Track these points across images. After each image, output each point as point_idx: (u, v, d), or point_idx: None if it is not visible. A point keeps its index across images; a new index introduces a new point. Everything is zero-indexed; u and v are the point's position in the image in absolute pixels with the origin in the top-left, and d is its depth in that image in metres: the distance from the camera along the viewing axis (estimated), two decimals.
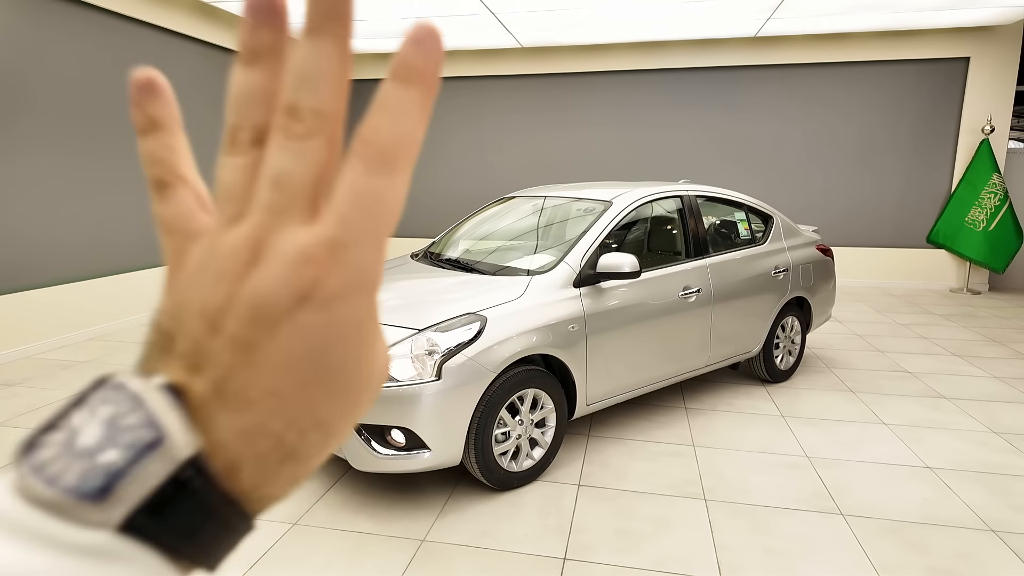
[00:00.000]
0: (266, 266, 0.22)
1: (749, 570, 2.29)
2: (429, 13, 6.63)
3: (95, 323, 5.39)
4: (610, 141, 8.47)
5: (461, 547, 2.42)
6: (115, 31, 5.48)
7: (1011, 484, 2.91)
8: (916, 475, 2.99)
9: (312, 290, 0.22)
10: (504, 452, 2.81)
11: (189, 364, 0.22)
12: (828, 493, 2.83)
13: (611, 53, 8.18)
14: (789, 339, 4.32)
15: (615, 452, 3.24)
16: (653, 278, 3.38)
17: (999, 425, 3.58)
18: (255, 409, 0.22)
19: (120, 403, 0.21)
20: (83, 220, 5.26)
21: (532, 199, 4.08)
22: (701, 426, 3.57)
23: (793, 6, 6.38)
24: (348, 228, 0.22)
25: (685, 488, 2.88)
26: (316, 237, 0.22)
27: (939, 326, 5.92)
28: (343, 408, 0.24)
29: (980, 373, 4.51)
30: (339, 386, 0.23)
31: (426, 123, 0.23)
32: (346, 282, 0.22)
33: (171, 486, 0.20)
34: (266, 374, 0.22)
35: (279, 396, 0.22)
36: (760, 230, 4.23)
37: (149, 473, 0.20)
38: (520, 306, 2.87)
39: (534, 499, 2.78)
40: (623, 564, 2.32)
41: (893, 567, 2.28)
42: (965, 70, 7.53)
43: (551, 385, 2.95)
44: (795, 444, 3.34)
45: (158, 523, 0.20)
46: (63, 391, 4.05)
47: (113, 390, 0.21)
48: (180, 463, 0.21)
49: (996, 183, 7.27)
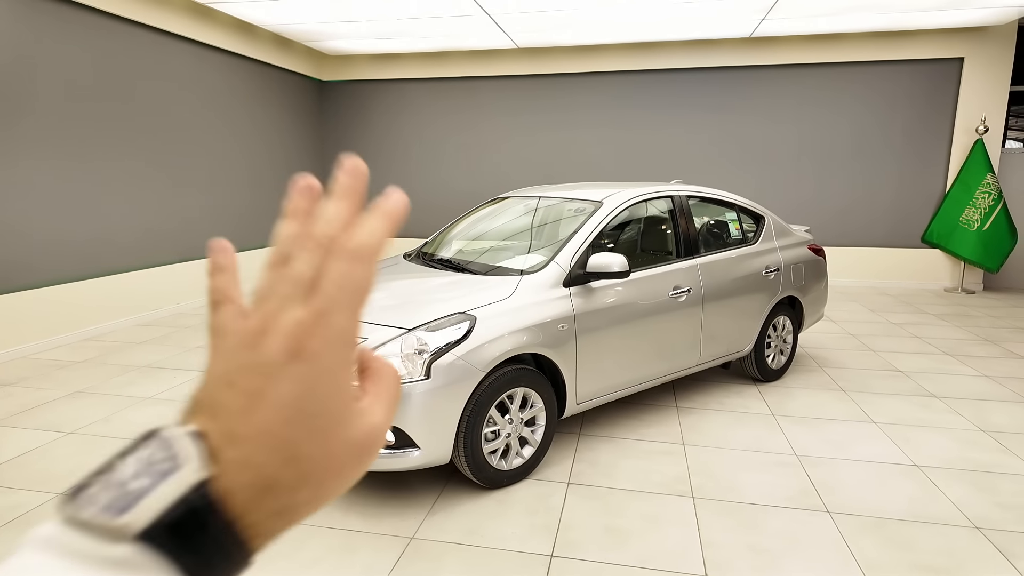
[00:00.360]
0: (271, 335, 0.30)
1: (734, 567, 2.31)
2: (424, 13, 6.66)
3: (91, 323, 5.41)
4: (606, 141, 8.50)
5: (449, 544, 2.44)
6: (110, 32, 5.49)
7: (998, 482, 2.93)
8: (904, 473, 3.01)
9: (299, 348, 0.30)
10: (494, 450, 2.83)
11: (209, 414, 0.29)
12: (815, 491, 2.85)
13: (606, 54, 8.21)
14: (781, 338, 4.34)
15: (605, 450, 3.26)
16: (643, 278, 3.40)
17: (988, 424, 3.60)
18: (248, 444, 0.28)
19: (155, 447, 0.28)
20: (79, 221, 5.28)
21: (524, 199, 4.10)
22: (691, 425, 3.59)
23: (787, 7, 6.41)
24: (331, 302, 0.30)
25: (674, 486, 2.90)
26: (307, 310, 0.30)
27: (932, 325, 5.94)
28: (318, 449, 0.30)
29: (971, 372, 4.53)
30: (316, 425, 0.30)
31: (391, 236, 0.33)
32: (327, 340, 0.30)
33: (181, 506, 0.26)
34: (262, 415, 0.29)
35: (268, 432, 0.29)
36: (752, 230, 4.25)
37: (165, 493, 0.26)
38: (509, 306, 2.89)
39: (523, 497, 2.80)
40: (609, 561, 2.34)
41: (877, 564, 2.31)
42: (959, 70, 7.55)
43: (541, 384, 2.97)
44: (785, 443, 3.36)
45: (170, 536, 0.26)
46: (58, 391, 4.07)
47: (153, 439, 0.28)
48: (190, 486, 0.26)
49: (990, 183, 7.29)
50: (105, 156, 5.50)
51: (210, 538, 0.27)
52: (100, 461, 0.26)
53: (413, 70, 8.74)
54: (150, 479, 0.26)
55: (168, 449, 0.27)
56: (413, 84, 8.85)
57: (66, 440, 3.34)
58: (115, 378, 4.33)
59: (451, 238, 4.02)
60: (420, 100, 8.89)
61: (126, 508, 0.25)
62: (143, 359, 4.77)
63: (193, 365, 4.64)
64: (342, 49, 8.45)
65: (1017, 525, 2.57)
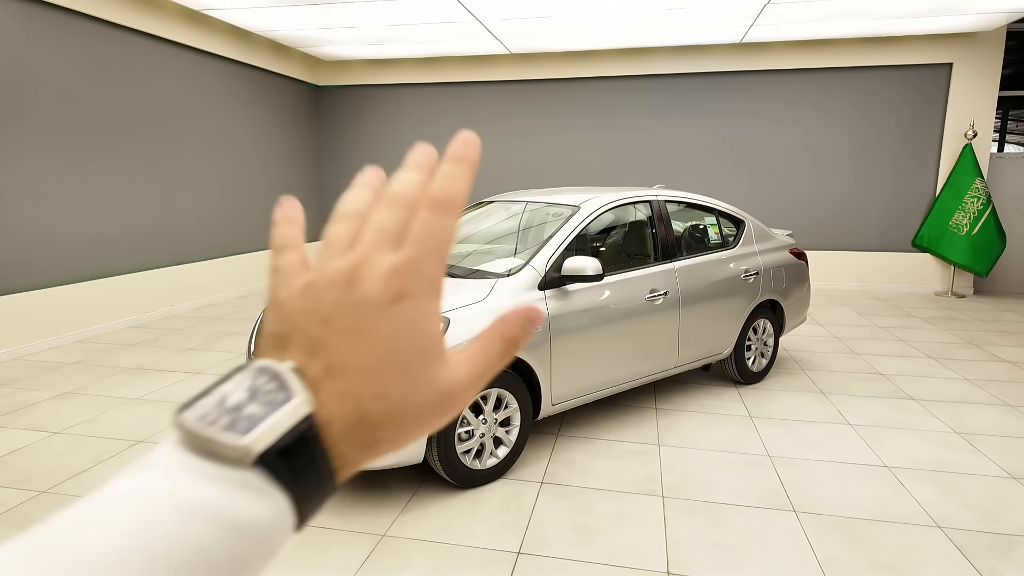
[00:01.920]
0: (368, 279, 0.32)
1: (697, 563, 2.35)
2: (416, 20, 6.74)
3: (83, 325, 5.48)
4: (598, 145, 8.56)
5: (419, 542, 2.50)
6: (106, 39, 5.59)
7: (964, 482, 2.97)
8: (873, 474, 3.06)
9: (400, 292, 0.32)
10: (468, 450, 2.89)
11: (307, 351, 0.31)
12: (784, 491, 2.89)
13: (598, 59, 8.28)
14: (761, 341, 4.39)
15: (581, 451, 3.31)
16: (619, 281, 3.46)
17: (962, 425, 3.65)
18: (348, 376, 0.31)
19: (259, 378, 0.30)
20: (73, 224, 5.36)
21: (508, 203, 4.17)
22: (668, 426, 3.64)
23: (775, 13, 6.47)
24: (421, 250, 0.33)
25: (645, 485, 2.95)
26: (401, 258, 0.32)
27: (919, 329, 5.98)
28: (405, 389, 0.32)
29: (951, 375, 4.57)
30: (406, 364, 0.32)
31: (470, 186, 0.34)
32: (420, 286, 0.33)
33: (294, 433, 0.28)
34: (360, 352, 0.31)
35: (365, 366, 0.31)
36: (731, 234, 4.31)
37: (280, 421, 0.28)
38: (484, 308, 2.95)
39: (496, 496, 2.86)
40: (574, 558, 2.39)
41: (836, 561, 2.35)
42: (948, 76, 7.60)
43: (515, 385, 3.02)
44: (759, 444, 3.41)
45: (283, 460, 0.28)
46: (47, 392, 4.14)
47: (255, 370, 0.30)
48: (302, 416, 0.29)
49: (979, 187, 7.33)
50: (100, 160, 5.58)
51: (313, 465, 0.29)
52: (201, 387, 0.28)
53: (407, 75, 8.83)
54: (264, 407, 0.28)
55: (277, 380, 0.29)
56: (407, 89, 8.93)
57: (52, 440, 3.40)
58: (105, 379, 4.40)
59: None
60: (414, 105, 8.97)
61: (245, 433, 0.27)
62: (134, 361, 4.84)
63: (184, 367, 4.70)
64: (337, 54, 8.54)
65: (980, 525, 2.61)
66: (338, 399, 0.30)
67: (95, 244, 5.59)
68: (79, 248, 5.43)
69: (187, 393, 4.13)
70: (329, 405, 0.30)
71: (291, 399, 0.29)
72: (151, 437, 3.45)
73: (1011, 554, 2.41)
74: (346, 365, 0.31)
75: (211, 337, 5.58)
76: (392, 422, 0.31)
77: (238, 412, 0.28)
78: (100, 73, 5.55)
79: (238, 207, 7.51)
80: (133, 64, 5.90)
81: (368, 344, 0.31)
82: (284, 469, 0.28)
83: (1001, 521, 2.64)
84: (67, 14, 5.21)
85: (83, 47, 5.38)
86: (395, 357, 0.32)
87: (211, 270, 7.06)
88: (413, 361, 0.32)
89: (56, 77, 5.14)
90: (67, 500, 2.78)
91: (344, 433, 0.30)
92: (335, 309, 0.32)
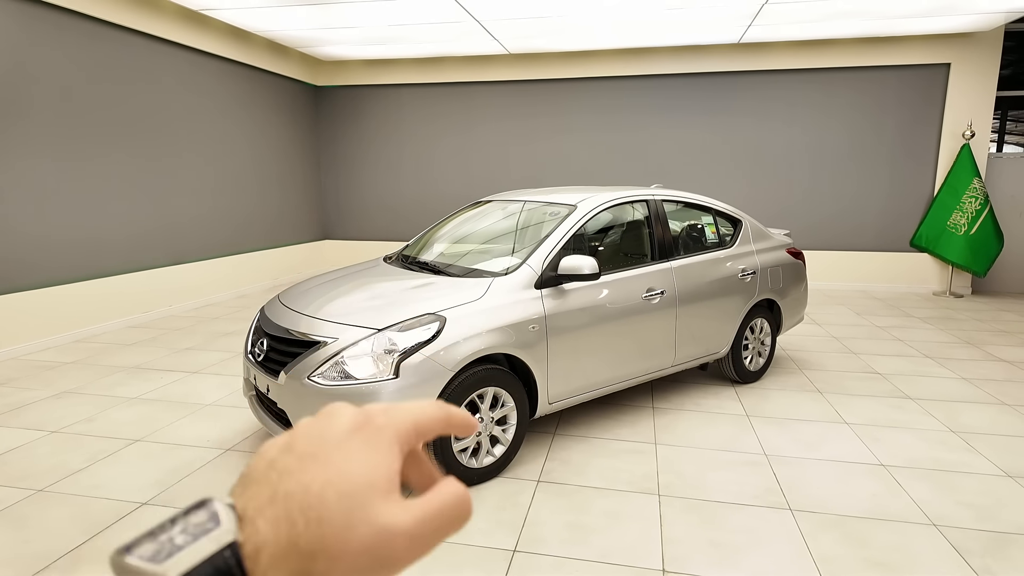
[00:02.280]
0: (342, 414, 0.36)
1: (692, 561, 2.36)
2: (415, 20, 6.74)
3: (81, 325, 5.48)
4: (597, 145, 8.57)
5: None
6: (105, 39, 5.59)
7: (960, 481, 2.97)
8: (869, 472, 3.06)
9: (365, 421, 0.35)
10: (464, 449, 2.89)
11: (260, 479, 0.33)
12: (780, 489, 2.90)
13: (597, 59, 8.29)
14: (759, 340, 4.39)
15: (578, 449, 3.32)
16: (616, 280, 3.46)
17: (958, 424, 3.65)
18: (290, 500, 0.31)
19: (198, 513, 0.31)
20: (72, 223, 5.36)
21: (505, 203, 4.17)
22: (665, 425, 3.64)
23: (773, 13, 6.48)
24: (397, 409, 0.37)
25: (641, 484, 2.95)
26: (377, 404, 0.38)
27: (917, 329, 5.99)
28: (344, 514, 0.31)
29: (948, 374, 4.57)
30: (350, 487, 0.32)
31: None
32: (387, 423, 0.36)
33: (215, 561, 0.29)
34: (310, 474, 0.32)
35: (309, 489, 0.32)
36: (728, 233, 4.31)
37: (199, 548, 0.29)
38: (480, 307, 2.95)
39: (493, 494, 2.86)
40: (570, 556, 2.39)
41: (831, 559, 2.35)
42: (946, 76, 7.61)
43: (512, 384, 3.02)
44: (756, 443, 3.41)
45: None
46: (45, 391, 4.14)
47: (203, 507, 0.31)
48: (224, 544, 0.29)
49: (977, 187, 7.34)
50: (98, 159, 5.59)
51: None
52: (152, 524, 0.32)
53: (406, 75, 8.84)
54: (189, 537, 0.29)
55: (209, 513, 0.31)
56: (406, 89, 8.94)
57: (49, 439, 3.41)
58: (102, 379, 4.40)
59: (432, 241, 4.09)
60: (413, 105, 8.98)
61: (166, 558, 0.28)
62: (131, 360, 4.84)
63: (181, 366, 4.71)
64: (336, 55, 8.55)
65: (975, 523, 2.61)
66: (273, 524, 0.30)
67: (93, 244, 5.59)
68: (77, 248, 5.44)
69: (185, 392, 4.14)
70: (264, 531, 0.30)
71: (216, 528, 0.30)
72: (147, 437, 3.45)
73: (1006, 552, 2.41)
74: (292, 489, 0.31)
75: (209, 337, 5.58)
76: (325, 555, 0.30)
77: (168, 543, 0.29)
78: (98, 73, 5.56)
79: (236, 207, 7.52)
80: (131, 64, 5.90)
81: (319, 466, 0.32)
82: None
83: (996, 519, 2.64)
84: (66, 14, 5.22)
85: (82, 47, 5.38)
86: (341, 480, 0.32)
87: (209, 270, 7.06)
88: (357, 489, 0.32)
89: (55, 77, 5.15)
90: (63, 499, 2.78)
91: (274, 561, 0.30)
92: (302, 436, 0.34)
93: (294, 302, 3.26)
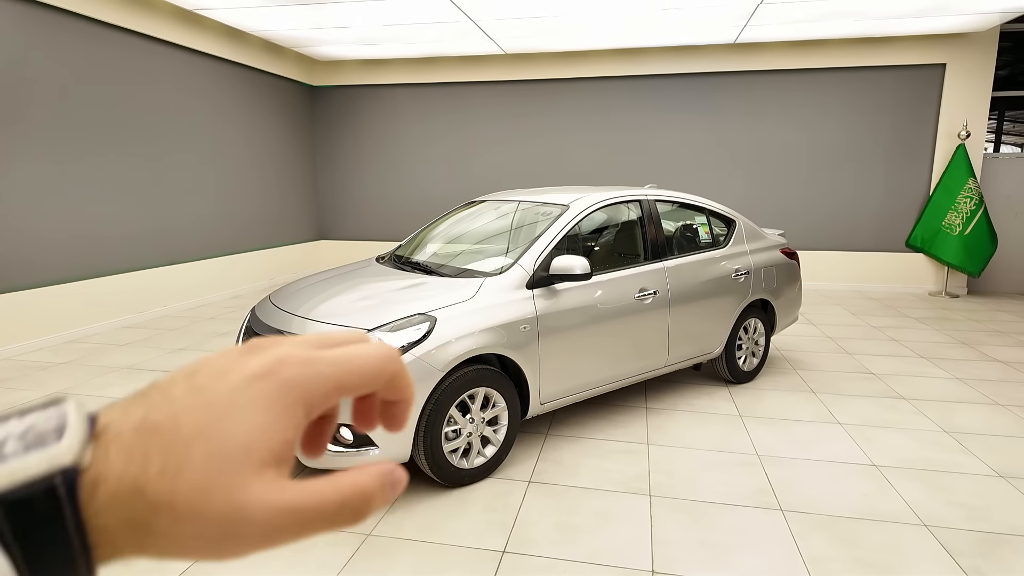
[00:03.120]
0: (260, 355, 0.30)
1: (682, 562, 2.35)
2: (410, 20, 6.73)
3: (74, 325, 5.47)
4: (592, 146, 8.56)
5: (404, 541, 2.49)
6: (100, 39, 5.57)
7: (952, 481, 2.97)
8: (861, 473, 3.05)
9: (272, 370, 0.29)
10: (455, 449, 2.88)
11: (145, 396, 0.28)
12: (772, 490, 2.89)
13: (592, 59, 8.28)
14: (752, 340, 4.39)
15: (570, 450, 3.31)
16: (608, 280, 3.45)
17: (951, 425, 3.65)
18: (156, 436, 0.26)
19: (49, 415, 0.25)
20: (66, 223, 5.35)
21: (499, 203, 4.16)
22: (658, 425, 3.63)
23: (768, 13, 6.47)
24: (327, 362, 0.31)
25: (632, 484, 2.94)
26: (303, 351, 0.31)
27: (912, 329, 5.99)
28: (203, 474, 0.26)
29: (942, 374, 4.57)
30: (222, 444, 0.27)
31: None
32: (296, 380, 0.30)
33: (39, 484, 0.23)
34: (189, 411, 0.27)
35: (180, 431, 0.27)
36: (722, 234, 4.30)
37: (27, 465, 0.23)
38: (471, 307, 2.94)
39: (483, 495, 2.85)
40: (559, 556, 2.38)
41: (821, 559, 2.35)
42: (942, 76, 7.61)
43: (503, 384, 3.01)
44: (748, 443, 3.40)
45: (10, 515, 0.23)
46: (37, 392, 4.13)
47: (54, 406, 0.26)
48: (59, 467, 0.24)
49: (972, 188, 7.34)
50: (92, 159, 5.57)
51: (57, 531, 0.23)
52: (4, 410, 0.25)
53: (402, 75, 8.83)
54: (22, 447, 0.24)
55: (59, 418, 0.25)
56: (402, 89, 8.93)
57: None
58: (94, 379, 4.39)
59: (425, 241, 4.08)
60: (409, 105, 8.97)
61: None
62: (124, 361, 4.83)
63: (175, 367, 4.69)
64: (331, 55, 8.53)
65: (966, 523, 2.61)
66: (126, 456, 0.25)
67: (87, 243, 5.57)
68: (71, 247, 5.42)
69: None
70: (113, 462, 0.25)
71: (55, 443, 0.24)
72: None
73: (997, 553, 2.40)
74: (162, 422, 0.27)
75: (203, 337, 5.56)
76: (170, 512, 0.25)
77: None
78: (93, 73, 5.54)
79: (231, 207, 7.50)
80: (126, 64, 5.89)
81: (202, 407, 0.27)
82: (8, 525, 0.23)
83: (988, 520, 2.63)
84: (61, 14, 5.20)
85: (77, 47, 5.36)
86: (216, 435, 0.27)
87: (204, 270, 7.05)
88: (229, 452, 0.27)
89: (49, 77, 5.13)
90: None
91: (110, 500, 0.25)
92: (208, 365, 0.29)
93: (285, 303, 3.24)
